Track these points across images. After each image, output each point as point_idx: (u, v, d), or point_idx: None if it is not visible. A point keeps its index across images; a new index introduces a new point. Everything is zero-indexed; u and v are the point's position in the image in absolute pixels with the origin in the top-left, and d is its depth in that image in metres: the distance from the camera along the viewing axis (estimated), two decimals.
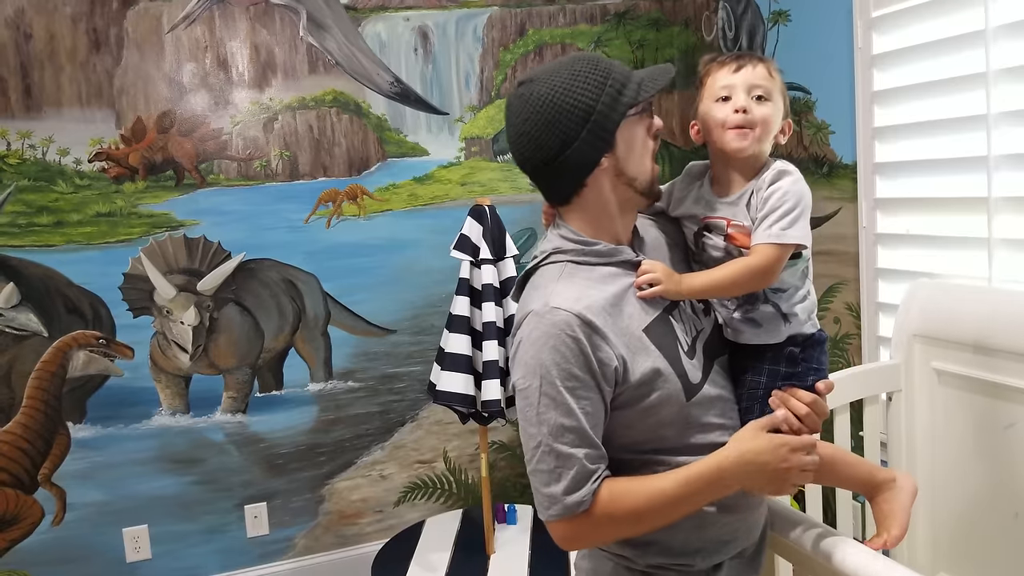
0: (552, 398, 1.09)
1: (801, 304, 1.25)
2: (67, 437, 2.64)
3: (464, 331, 2.37)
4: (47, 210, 2.57)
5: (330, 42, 2.80)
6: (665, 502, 1.11)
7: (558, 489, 1.09)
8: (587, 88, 1.12)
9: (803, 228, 1.17)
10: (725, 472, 1.10)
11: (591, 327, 1.10)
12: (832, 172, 2.50)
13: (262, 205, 2.78)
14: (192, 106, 2.69)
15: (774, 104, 1.21)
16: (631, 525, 1.14)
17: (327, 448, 2.91)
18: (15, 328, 2.55)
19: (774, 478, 1.11)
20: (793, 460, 1.11)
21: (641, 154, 1.18)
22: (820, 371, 1.26)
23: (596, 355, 1.09)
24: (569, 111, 1.12)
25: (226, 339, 2.78)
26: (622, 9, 3.12)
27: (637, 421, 1.15)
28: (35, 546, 2.62)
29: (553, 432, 1.09)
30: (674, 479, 1.11)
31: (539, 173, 1.19)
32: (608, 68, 1.15)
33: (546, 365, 1.09)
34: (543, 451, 1.10)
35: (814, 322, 1.27)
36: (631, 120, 1.16)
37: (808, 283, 1.27)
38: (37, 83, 2.54)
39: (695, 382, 1.17)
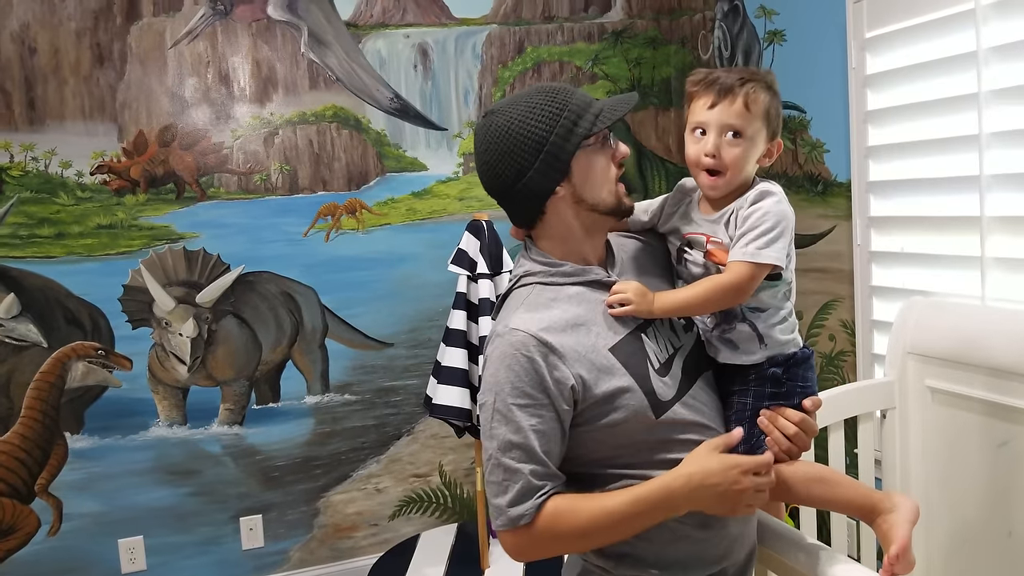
0: (503, 415, 1.11)
1: (780, 326, 1.23)
2: (64, 447, 2.62)
3: (461, 345, 2.35)
4: (48, 222, 2.57)
5: (331, 58, 2.80)
6: (611, 521, 1.11)
7: (503, 501, 1.11)
8: (541, 120, 1.15)
9: (780, 249, 1.15)
10: (673, 493, 1.10)
11: (548, 347, 1.11)
12: (827, 190, 2.49)
13: (262, 218, 2.78)
14: (193, 120, 2.69)
15: (748, 140, 1.18)
16: (576, 541, 1.15)
17: (323, 461, 2.88)
18: (15, 338, 2.54)
19: (725, 500, 1.10)
20: (745, 482, 1.09)
21: (600, 181, 1.19)
22: (807, 389, 1.24)
23: (552, 375, 1.11)
24: (523, 142, 1.15)
25: (224, 351, 2.76)
26: (619, 28, 3.13)
27: (605, 437, 1.15)
28: (30, 556, 2.59)
29: (502, 447, 1.11)
30: (622, 499, 1.11)
31: (501, 200, 1.22)
32: (565, 100, 1.17)
33: (500, 383, 1.12)
34: (493, 464, 1.12)
35: (796, 341, 1.25)
36: (588, 149, 1.17)
37: (789, 305, 1.25)
38: (41, 96, 2.54)
39: (665, 399, 1.16)
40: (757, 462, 1.11)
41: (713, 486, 1.09)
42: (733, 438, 1.14)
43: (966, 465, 1.86)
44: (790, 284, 1.24)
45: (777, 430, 1.20)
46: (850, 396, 2.02)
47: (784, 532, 1.33)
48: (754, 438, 1.21)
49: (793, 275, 1.24)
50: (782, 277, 1.21)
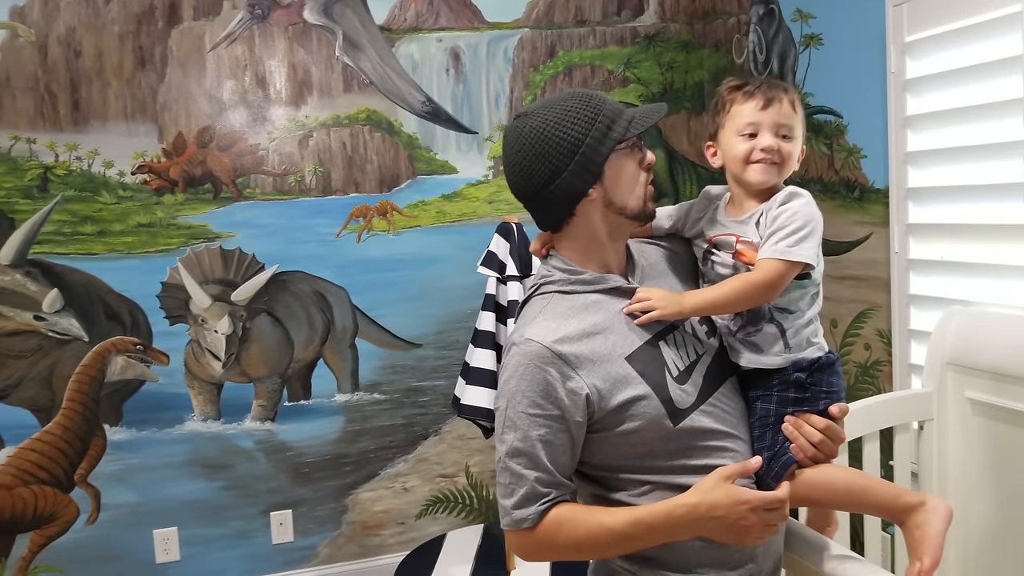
0: (514, 422, 1.12)
1: (806, 329, 1.21)
2: (103, 439, 2.64)
3: (489, 346, 2.32)
4: (91, 220, 2.59)
5: (365, 62, 2.78)
6: (609, 539, 1.11)
7: (509, 503, 1.13)
8: (577, 123, 1.15)
9: (811, 248, 1.14)
10: (674, 520, 1.08)
11: (562, 359, 1.12)
12: (863, 196, 2.39)
13: (295, 219, 2.77)
14: (231, 122, 2.70)
15: (796, 140, 1.21)
16: (573, 552, 1.15)
17: (352, 459, 2.87)
18: (57, 332, 2.56)
19: (730, 533, 1.08)
20: (752, 519, 1.07)
21: (630, 185, 1.19)
22: (832, 395, 1.20)
23: (565, 385, 1.11)
24: (558, 144, 1.14)
25: (258, 348, 2.76)
26: (652, 31, 3.06)
27: (623, 444, 1.15)
28: (70, 544, 2.62)
29: (510, 452, 1.13)
30: (623, 517, 1.10)
31: (530, 202, 1.21)
32: (600, 105, 1.17)
33: (513, 392, 1.13)
34: (501, 467, 1.14)
35: (820, 345, 1.22)
36: (620, 153, 1.17)
37: (815, 310, 1.23)
38: (85, 98, 2.56)
39: (683, 407, 1.15)
40: (768, 499, 1.08)
41: (718, 519, 1.07)
42: (750, 467, 1.12)
43: (1007, 478, 1.78)
44: (819, 287, 1.22)
45: (802, 437, 1.16)
46: (886, 406, 1.94)
47: (814, 539, 1.26)
48: (778, 445, 1.17)
49: (821, 280, 1.21)
50: (811, 277, 1.19)
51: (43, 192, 2.54)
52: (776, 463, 1.16)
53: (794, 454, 1.16)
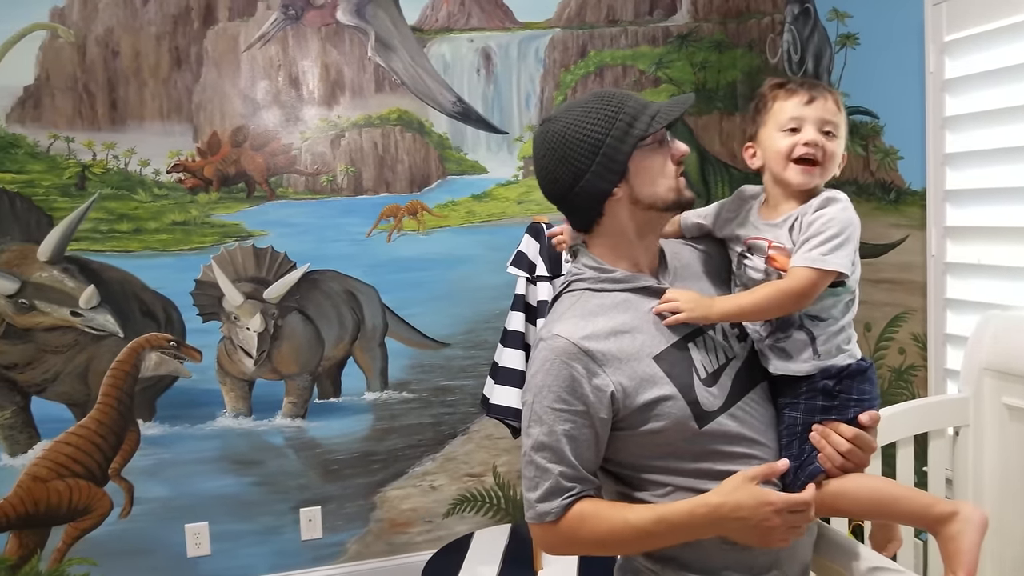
0: (539, 416, 1.14)
1: (838, 337, 1.19)
2: (137, 434, 2.70)
3: (519, 346, 2.33)
4: (127, 217, 2.64)
5: (396, 62, 2.81)
6: (631, 535, 1.11)
7: (533, 496, 1.15)
8: (597, 123, 1.15)
9: (846, 256, 1.12)
10: (696, 519, 1.08)
11: (589, 355, 1.13)
12: (899, 198, 2.37)
13: (327, 218, 2.81)
14: (264, 122, 2.74)
15: (840, 140, 1.19)
16: (595, 547, 1.16)
17: (380, 456, 2.90)
18: (94, 328, 2.62)
19: (753, 534, 1.08)
20: (775, 520, 1.06)
21: (658, 181, 1.18)
22: (863, 402, 1.18)
23: (591, 382, 1.12)
24: (579, 145, 1.16)
25: (289, 346, 2.80)
26: (685, 31, 3.05)
27: (647, 443, 1.15)
28: (103, 536, 2.68)
29: (535, 446, 1.14)
30: (646, 515, 1.11)
31: (559, 204, 1.23)
32: (621, 103, 1.17)
33: (539, 386, 1.14)
34: (526, 460, 1.16)
35: (851, 352, 1.20)
36: (645, 150, 1.17)
37: (848, 317, 1.21)
38: (122, 97, 2.62)
39: (710, 410, 1.15)
40: (792, 501, 1.07)
41: (741, 519, 1.06)
42: (776, 469, 1.11)
43: None
44: (853, 294, 1.20)
45: (829, 446, 1.15)
46: (920, 412, 1.92)
47: (845, 545, 1.25)
48: (805, 454, 1.16)
49: (857, 286, 1.19)
50: (846, 285, 1.17)
51: (81, 190, 2.60)
52: (802, 473, 1.15)
53: (821, 464, 1.15)
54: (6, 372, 2.58)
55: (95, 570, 2.67)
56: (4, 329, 2.55)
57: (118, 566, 2.69)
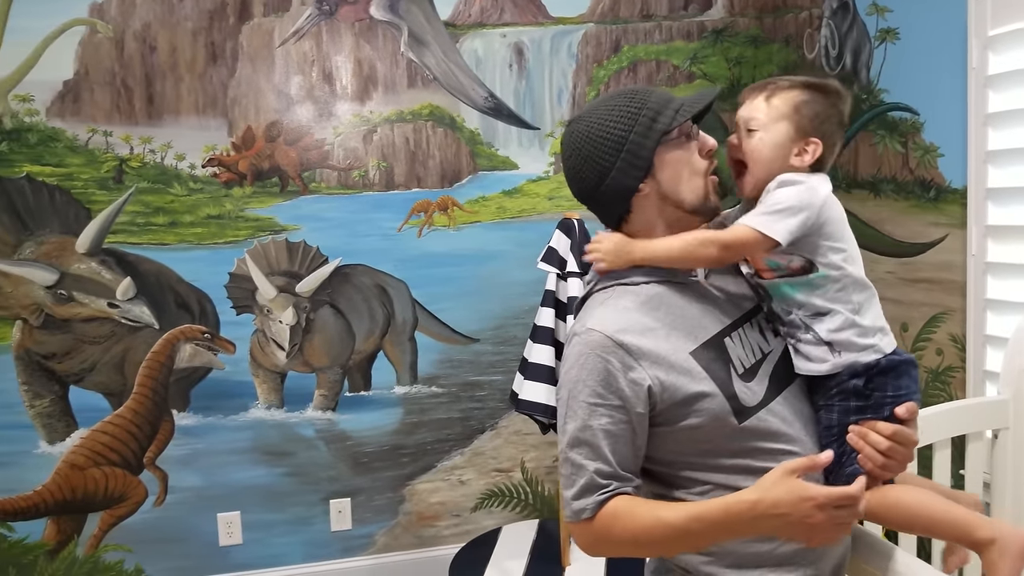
0: (575, 412, 1.13)
1: (848, 331, 1.15)
2: (171, 424, 2.77)
3: (548, 342, 2.35)
4: (163, 211, 2.71)
5: (429, 57, 2.84)
6: (667, 534, 1.08)
7: (569, 494, 1.14)
8: (620, 120, 1.16)
9: (784, 227, 1.10)
10: (733, 517, 1.03)
11: (624, 348, 1.12)
12: (939, 196, 2.36)
13: (359, 213, 2.85)
14: (298, 117, 2.79)
15: (764, 132, 1.16)
16: (629, 546, 1.12)
17: (409, 450, 2.94)
18: (130, 319, 2.69)
19: (796, 531, 1.02)
20: (819, 516, 0.99)
21: (687, 175, 1.18)
22: (900, 399, 1.15)
23: (627, 376, 1.11)
24: (603, 143, 1.17)
25: (320, 339, 2.85)
26: (720, 26, 3.05)
27: (685, 440, 1.14)
28: (138, 524, 2.75)
29: (571, 443, 1.14)
30: (684, 513, 1.07)
31: (588, 203, 1.25)
32: (644, 99, 1.18)
33: (575, 381, 1.13)
34: (563, 457, 1.15)
35: (878, 347, 1.15)
36: (670, 144, 1.17)
37: (853, 309, 1.16)
38: (159, 92, 2.68)
39: (749, 405, 1.13)
40: (836, 496, 0.99)
41: (781, 516, 1.00)
42: (819, 462, 1.03)
43: None
44: (840, 283, 1.15)
45: (868, 447, 1.12)
46: (958, 414, 1.90)
47: (880, 546, 1.24)
48: (845, 456, 1.14)
49: (835, 274, 1.15)
50: (818, 271, 1.14)
51: (118, 183, 2.67)
52: (842, 474, 1.13)
53: (862, 465, 1.12)
54: (45, 362, 2.66)
55: (130, 557, 2.75)
56: (43, 319, 2.63)
57: (152, 553, 2.77)
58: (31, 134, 2.60)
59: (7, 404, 2.65)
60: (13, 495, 2.66)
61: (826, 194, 1.15)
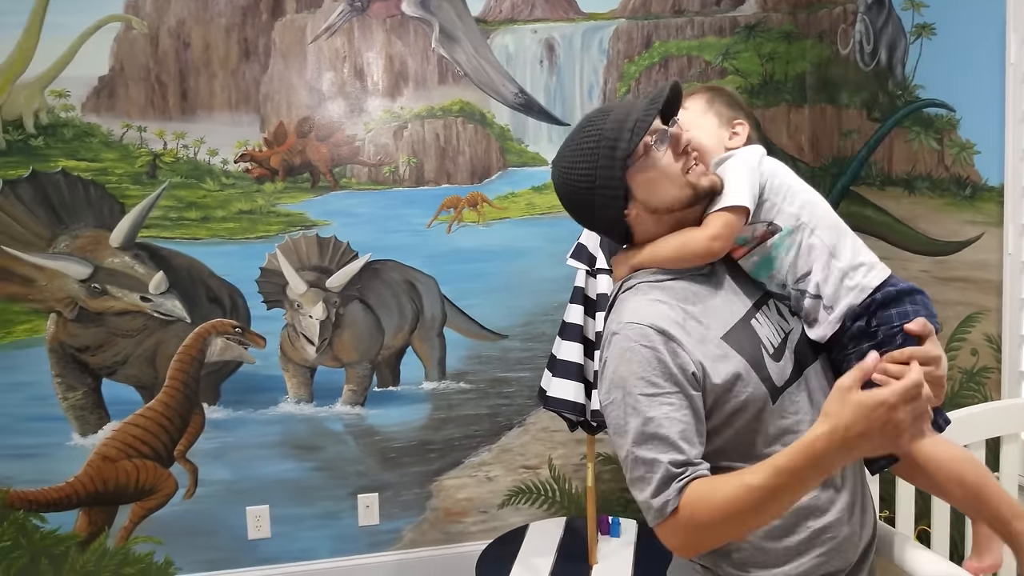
0: (633, 407, 1.11)
1: (833, 278, 1.19)
2: (202, 417, 2.83)
3: (576, 339, 2.37)
4: (195, 206, 2.77)
5: (460, 54, 2.88)
6: (755, 497, 1.02)
7: (646, 495, 1.09)
8: (583, 157, 1.19)
9: (744, 190, 1.18)
10: (817, 455, 0.99)
11: (666, 335, 1.13)
12: (975, 194, 2.36)
13: (388, 209, 2.90)
14: (329, 113, 2.84)
15: (697, 130, 1.27)
16: (721, 524, 1.06)
17: (437, 446, 2.99)
18: (162, 313, 2.75)
19: (881, 442, 0.97)
20: (898, 416, 0.95)
21: (666, 185, 1.19)
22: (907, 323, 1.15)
23: (675, 361, 1.12)
24: (577, 185, 1.21)
25: (350, 334, 2.90)
26: (752, 21, 3.06)
27: (722, 427, 1.15)
28: (168, 516, 2.82)
29: (636, 440, 1.11)
30: (763, 471, 1.03)
31: (594, 231, 1.35)
32: (600, 127, 1.19)
33: (625, 377, 1.12)
34: (631, 460, 1.11)
35: (865, 286, 1.17)
36: (639, 163, 1.18)
37: (827, 252, 1.19)
38: (193, 88, 2.74)
39: (780, 384, 1.16)
40: (904, 389, 0.95)
41: (862, 435, 0.96)
42: (866, 367, 0.99)
43: None
44: (798, 235, 1.20)
45: (892, 379, 1.06)
46: (993, 415, 1.92)
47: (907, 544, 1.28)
48: None
49: (810, 217, 1.21)
50: (779, 230, 1.21)
51: (152, 178, 2.73)
52: None
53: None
54: (78, 354, 2.73)
55: (159, 549, 2.82)
56: (77, 313, 2.70)
57: (181, 545, 2.83)
58: (67, 129, 2.67)
59: (41, 396, 2.72)
60: (46, 486, 2.73)
61: (760, 154, 1.25)
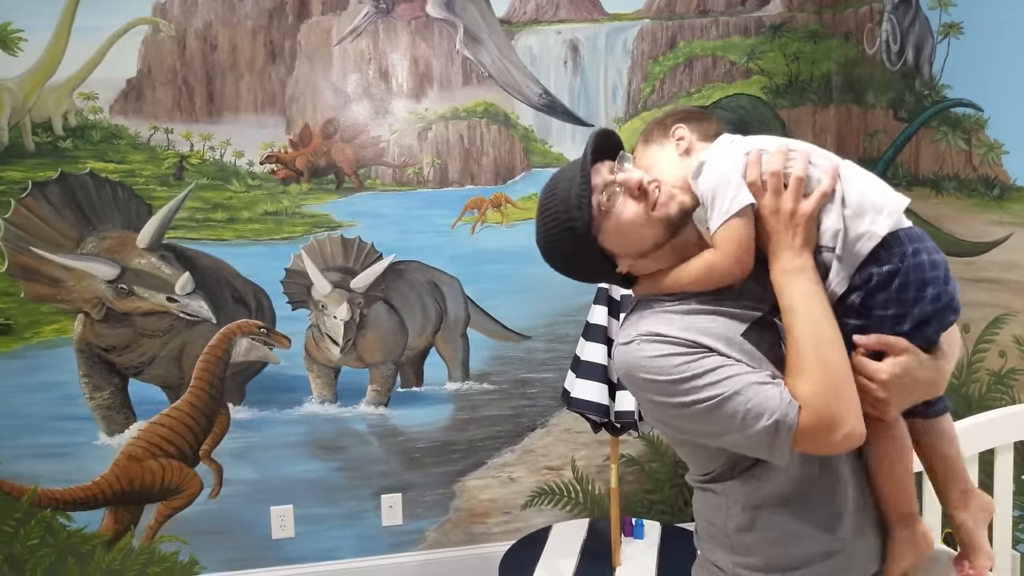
0: (684, 387, 1.09)
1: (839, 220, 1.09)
2: (227, 417, 2.92)
3: (601, 340, 2.42)
4: (221, 207, 2.86)
5: (484, 55, 2.96)
6: (822, 328, 1.07)
7: (760, 423, 1.05)
8: (554, 241, 1.17)
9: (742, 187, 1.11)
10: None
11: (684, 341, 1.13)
12: (1003, 195, 2.41)
13: (413, 210, 2.98)
14: (354, 114, 2.92)
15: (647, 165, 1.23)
16: (840, 372, 1.06)
17: (460, 446, 3.07)
18: (188, 313, 2.84)
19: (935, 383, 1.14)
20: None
21: (639, 229, 1.15)
22: (900, 319, 1.09)
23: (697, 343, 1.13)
24: (564, 262, 1.20)
25: (374, 335, 2.99)
26: (778, 21, 3.11)
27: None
28: (193, 515, 2.91)
29: (711, 403, 1.07)
30: (799, 309, 1.08)
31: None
32: (554, 211, 1.16)
33: (657, 371, 1.11)
34: (726, 415, 1.07)
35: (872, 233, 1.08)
36: (602, 226, 1.15)
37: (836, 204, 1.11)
38: (219, 90, 2.84)
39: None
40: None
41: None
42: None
43: None
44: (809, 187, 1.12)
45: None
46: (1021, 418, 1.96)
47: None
48: None
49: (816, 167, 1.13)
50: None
51: (178, 180, 2.83)
52: None
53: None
54: (105, 354, 2.84)
55: (184, 548, 2.91)
56: (104, 313, 2.80)
57: (206, 545, 2.92)
58: (95, 131, 2.78)
59: (68, 396, 2.82)
60: (73, 485, 2.83)
61: (727, 140, 1.19)
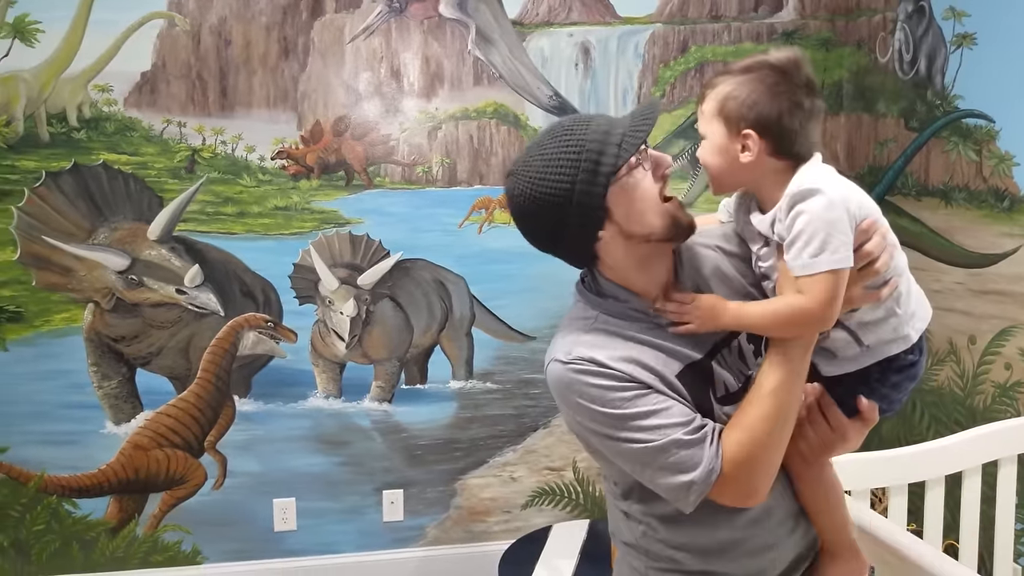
0: (619, 422, 1.09)
1: (884, 325, 1.11)
2: (232, 409, 2.94)
3: None
4: (232, 201, 2.88)
5: (495, 56, 2.97)
6: (779, 399, 1.08)
7: (684, 479, 1.07)
8: (560, 170, 1.08)
9: (842, 244, 1.02)
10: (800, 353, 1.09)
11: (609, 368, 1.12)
12: (1013, 207, 2.40)
13: (421, 208, 2.99)
14: (365, 112, 2.94)
15: (707, 138, 1.11)
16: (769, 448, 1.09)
17: (463, 444, 3.08)
18: (196, 306, 2.86)
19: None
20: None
21: (645, 208, 1.11)
22: (894, 403, 1.17)
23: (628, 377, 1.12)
24: (548, 200, 1.10)
25: (379, 331, 3.00)
26: (790, 28, 3.11)
27: None
28: (197, 506, 2.93)
29: (645, 449, 1.08)
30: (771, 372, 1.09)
31: (552, 254, 1.19)
32: (581, 138, 1.09)
33: (591, 400, 1.11)
34: (656, 463, 1.09)
35: (908, 337, 1.12)
36: (622, 181, 1.09)
37: (889, 304, 1.11)
38: (232, 85, 2.86)
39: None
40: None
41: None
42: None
43: None
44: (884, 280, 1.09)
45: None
46: None
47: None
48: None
49: (897, 266, 1.10)
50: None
51: (190, 173, 2.85)
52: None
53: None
54: (114, 344, 2.86)
55: (188, 538, 2.94)
56: (114, 303, 2.83)
57: (209, 535, 2.94)
58: (109, 123, 2.80)
59: (77, 384, 2.85)
60: (79, 473, 2.85)
61: (838, 183, 1.06)
